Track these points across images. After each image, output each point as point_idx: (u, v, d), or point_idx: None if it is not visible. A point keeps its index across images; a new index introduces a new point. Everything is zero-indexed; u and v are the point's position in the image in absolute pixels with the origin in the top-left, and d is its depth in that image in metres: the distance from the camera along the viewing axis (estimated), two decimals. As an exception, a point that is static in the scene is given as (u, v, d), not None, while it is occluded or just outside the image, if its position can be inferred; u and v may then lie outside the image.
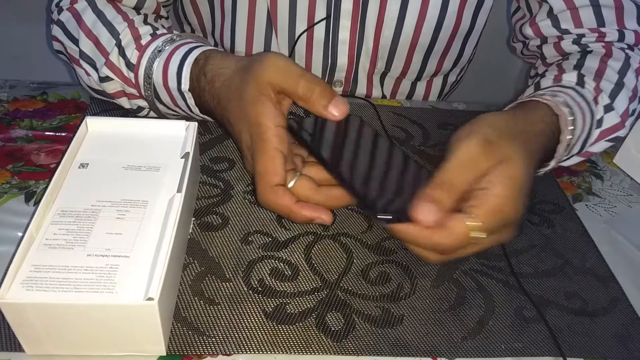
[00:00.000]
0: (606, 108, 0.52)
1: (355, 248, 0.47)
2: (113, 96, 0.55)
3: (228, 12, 0.65)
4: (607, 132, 0.53)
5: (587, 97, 0.51)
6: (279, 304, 0.42)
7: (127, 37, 0.53)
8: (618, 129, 0.53)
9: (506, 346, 0.41)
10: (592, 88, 0.52)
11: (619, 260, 0.49)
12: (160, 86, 0.51)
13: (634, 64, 0.56)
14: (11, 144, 0.55)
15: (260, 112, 0.43)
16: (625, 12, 0.58)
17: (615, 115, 0.53)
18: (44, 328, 0.35)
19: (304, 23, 0.64)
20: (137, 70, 0.52)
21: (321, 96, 0.43)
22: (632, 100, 0.55)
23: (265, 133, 0.42)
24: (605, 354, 0.41)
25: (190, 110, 0.52)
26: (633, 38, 0.58)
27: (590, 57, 0.57)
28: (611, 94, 0.53)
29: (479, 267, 0.47)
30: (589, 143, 0.53)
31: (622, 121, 0.53)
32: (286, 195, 0.42)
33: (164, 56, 0.51)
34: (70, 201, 0.40)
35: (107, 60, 0.53)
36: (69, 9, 0.56)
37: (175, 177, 0.43)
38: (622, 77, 0.54)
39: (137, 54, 0.52)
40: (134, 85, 0.53)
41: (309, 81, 0.43)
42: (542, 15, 0.61)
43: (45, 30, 1.04)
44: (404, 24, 0.63)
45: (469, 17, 0.64)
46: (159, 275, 0.35)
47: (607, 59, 0.56)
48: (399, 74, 0.70)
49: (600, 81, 0.53)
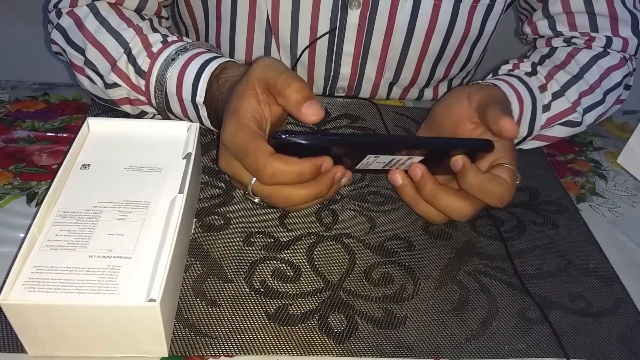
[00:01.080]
0: (555, 95, 0.57)
1: (358, 249, 0.47)
2: (117, 103, 0.55)
3: (226, 17, 0.64)
4: (557, 117, 0.57)
5: (531, 84, 0.56)
6: (281, 305, 0.41)
7: (138, 45, 0.52)
8: (569, 113, 0.57)
9: (510, 347, 0.41)
10: (543, 76, 0.58)
11: (623, 260, 0.49)
12: (173, 95, 0.51)
13: (605, 63, 0.59)
14: (13, 145, 0.55)
15: (240, 103, 0.43)
16: (620, 21, 0.59)
17: (565, 101, 0.57)
18: (45, 329, 0.34)
19: (306, 34, 0.63)
20: (148, 77, 0.52)
21: (296, 91, 0.41)
22: (587, 94, 0.58)
23: (244, 118, 0.42)
24: (610, 355, 0.41)
25: (202, 122, 0.52)
26: (621, 45, 0.60)
27: (561, 49, 0.61)
28: (565, 84, 0.57)
29: (482, 268, 0.46)
30: (538, 126, 0.57)
31: (574, 107, 0.57)
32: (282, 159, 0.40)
33: (179, 65, 0.50)
34: (72, 202, 0.40)
35: (115, 67, 0.52)
36: (69, 14, 0.55)
37: (177, 178, 0.43)
38: (583, 72, 0.58)
39: (148, 61, 0.52)
40: (143, 93, 0.53)
41: (289, 76, 0.42)
42: (539, 14, 0.63)
43: (45, 30, 1.04)
44: (414, 33, 0.62)
45: (479, 23, 0.64)
46: (161, 276, 0.34)
47: (577, 52, 0.60)
48: (407, 84, 0.69)
49: (558, 71, 0.58)
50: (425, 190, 0.44)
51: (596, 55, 0.59)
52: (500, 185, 0.43)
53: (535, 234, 0.51)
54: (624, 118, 0.70)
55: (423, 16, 0.61)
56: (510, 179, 0.44)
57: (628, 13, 0.59)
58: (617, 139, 0.66)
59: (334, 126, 0.61)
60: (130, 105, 0.55)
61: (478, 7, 0.62)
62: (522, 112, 0.55)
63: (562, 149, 0.64)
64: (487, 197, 0.43)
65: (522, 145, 0.60)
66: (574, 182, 0.59)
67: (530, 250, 0.49)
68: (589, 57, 0.59)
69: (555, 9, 0.61)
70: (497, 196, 0.43)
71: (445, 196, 0.44)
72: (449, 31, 0.63)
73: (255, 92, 0.43)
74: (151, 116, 0.57)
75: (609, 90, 0.59)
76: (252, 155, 0.40)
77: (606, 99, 0.59)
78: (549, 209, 0.54)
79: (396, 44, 0.64)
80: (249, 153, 0.40)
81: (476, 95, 0.48)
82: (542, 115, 0.57)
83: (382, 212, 0.51)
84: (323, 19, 0.61)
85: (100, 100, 0.57)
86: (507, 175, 0.44)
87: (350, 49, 0.64)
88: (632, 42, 0.60)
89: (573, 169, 0.61)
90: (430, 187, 0.44)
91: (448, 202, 0.44)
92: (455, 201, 0.44)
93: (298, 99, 0.41)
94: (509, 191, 0.43)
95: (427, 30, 0.62)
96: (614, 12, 0.59)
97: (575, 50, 0.60)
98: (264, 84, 0.43)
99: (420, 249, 0.48)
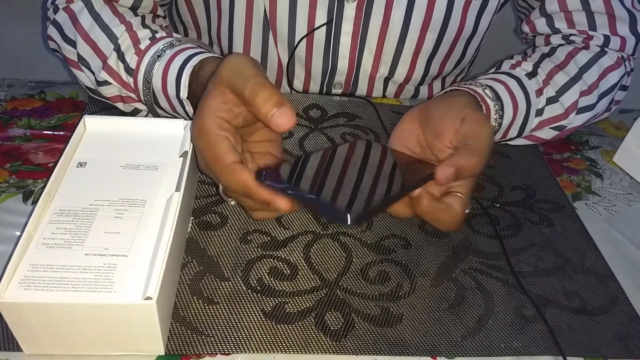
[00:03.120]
0: (549, 100, 0.58)
1: (355, 247, 0.47)
2: (110, 100, 0.55)
3: (225, 12, 0.65)
4: (548, 121, 0.58)
5: (529, 89, 0.57)
6: (278, 303, 0.42)
7: (126, 41, 0.52)
8: (560, 119, 0.58)
9: (506, 345, 0.41)
10: (542, 79, 0.59)
11: (618, 259, 0.49)
12: (160, 92, 0.51)
13: (604, 62, 0.59)
14: (9, 143, 0.54)
15: (205, 104, 0.41)
16: (618, 19, 0.59)
17: (559, 107, 0.58)
18: (41, 328, 0.34)
19: (303, 27, 0.63)
20: (136, 74, 0.52)
21: (265, 101, 0.38)
22: (586, 94, 0.58)
23: (205, 120, 0.40)
24: (605, 352, 0.41)
25: (190, 118, 0.51)
26: (619, 44, 0.60)
27: (561, 48, 0.61)
28: (562, 87, 0.58)
29: (479, 266, 0.47)
30: (528, 128, 0.58)
31: (566, 113, 0.58)
32: (244, 171, 0.38)
33: (164, 61, 0.50)
34: (68, 200, 0.40)
35: (105, 65, 0.52)
36: (65, 9, 0.55)
37: (173, 176, 0.43)
38: (582, 72, 0.59)
39: (136, 58, 0.51)
40: (133, 90, 0.53)
41: (256, 84, 0.39)
42: (537, 13, 0.63)
43: (42, 28, 1.03)
44: (409, 28, 0.63)
45: (473, 20, 0.64)
46: (158, 274, 0.34)
47: (577, 52, 0.60)
48: (402, 80, 0.70)
49: (558, 72, 0.59)
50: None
51: (595, 55, 0.59)
52: (450, 216, 0.43)
53: (531, 232, 0.51)
54: (620, 117, 0.70)
55: (418, 11, 0.61)
56: (460, 209, 0.44)
57: (626, 12, 0.59)
58: (613, 138, 0.66)
59: (331, 125, 0.61)
60: (123, 103, 0.55)
61: (472, 4, 0.63)
62: (515, 116, 0.56)
63: (558, 147, 0.64)
64: (436, 222, 0.44)
65: (508, 142, 0.61)
66: (570, 180, 0.59)
67: (526, 249, 0.49)
68: (588, 57, 0.59)
69: (552, 8, 0.61)
70: (445, 224, 0.44)
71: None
72: (443, 27, 0.63)
73: (222, 92, 0.41)
74: (145, 114, 0.56)
75: (604, 93, 0.59)
76: (212, 162, 0.40)
77: (598, 104, 0.59)
78: (545, 207, 0.54)
79: (392, 39, 0.64)
80: (208, 160, 0.40)
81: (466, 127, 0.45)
82: (534, 119, 0.58)
83: (379, 211, 0.51)
84: (320, 12, 0.62)
85: (96, 95, 0.57)
86: (458, 205, 0.44)
87: (347, 41, 0.64)
88: (630, 41, 0.60)
89: (569, 168, 0.61)
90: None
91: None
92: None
93: (267, 109, 0.38)
94: (456, 222, 0.44)
95: (422, 25, 0.63)
96: (611, 10, 0.59)
97: (575, 50, 0.60)
98: (231, 87, 0.40)
99: (416, 247, 0.48)
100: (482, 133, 0.45)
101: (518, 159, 0.60)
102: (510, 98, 0.55)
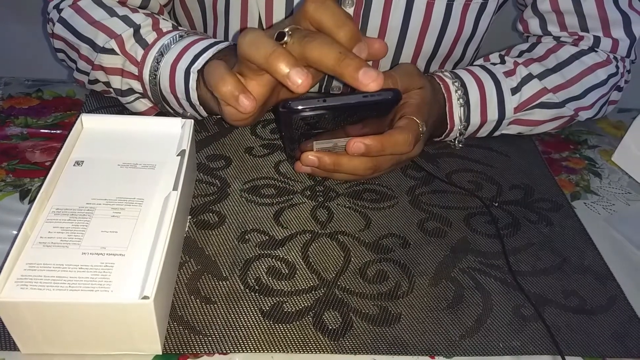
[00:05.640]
0: (525, 79, 0.59)
1: (353, 246, 0.47)
2: (107, 71, 0.55)
3: (221, 17, 0.65)
4: (531, 99, 0.59)
5: (495, 70, 0.59)
6: (276, 302, 0.41)
7: (148, 24, 0.54)
8: (542, 94, 0.59)
9: (504, 345, 0.41)
10: (511, 64, 0.60)
11: (617, 258, 0.49)
12: (168, 64, 0.52)
13: (589, 60, 0.59)
14: (6, 141, 0.54)
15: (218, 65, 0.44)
16: (611, 22, 0.59)
17: (536, 83, 0.59)
18: (38, 327, 0.34)
19: None
20: (150, 47, 0.53)
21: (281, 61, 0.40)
22: (564, 88, 0.59)
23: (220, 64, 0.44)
24: (604, 352, 0.41)
25: (188, 95, 0.52)
26: (610, 46, 0.60)
27: (541, 45, 0.62)
28: (539, 74, 0.59)
29: (477, 266, 0.46)
30: (509, 108, 0.58)
31: (546, 89, 0.59)
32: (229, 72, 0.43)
33: (187, 40, 0.52)
34: (65, 199, 0.40)
35: (117, 38, 0.53)
36: (71, 6, 0.56)
37: (171, 174, 0.43)
38: (562, 67, 0.59)
39: (155, 35, 0.53)
40: (137, 63, 0.53)
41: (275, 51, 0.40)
42: (529, 12, 0.63)
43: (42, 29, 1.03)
44: (407, 31, 0.62)
45: (472, 22, 0.64)
46: (155, 273, 0.34)
47: (558, 48, 0.60)
48: None
49: (533, 63, 0.60)
50: (326, 166, 0.47)
51: (579, 52, 0.59)
52: (399, 134, 0.45)
53: (530, 232, 0.51)
54: (618, 116, 0.70)
55: (416, 14, 0.61)
56: (408, 126, 0.46)
57: (619, 14, 0.59)
58: (612, 137, 0.66)
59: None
60: (121, 77, 0.55)
61: (471, 6, 0.62)
62: (484, 94, 0.57)
63: (557, 146, 0.64)
64: (392, 149, 0.46)
65: (505, 131, 0.61)
66: (568, 179, 0.59)
67: (525, 248, 0.49)
68: (569, 53, 0.59)
69: (544, 7, 0.61)
70: (399, 145, 0.45)
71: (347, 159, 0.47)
72: (442, 30, 0.63)
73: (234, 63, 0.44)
74: (134, 99, 0.56)
75: (591, 88, 0.59)
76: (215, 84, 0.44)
77: (587, 95, 0.59)
78: (544, 206, 0.54)
79: (390, 43, 0.63)
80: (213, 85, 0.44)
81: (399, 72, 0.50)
82: (511, 98, 0.58)
83: (377, 210, 0.51)
84: None
85: (90, 84, 0.57)
86: (404, 123, 0.46)
87: None
88: (623, 43, 0.60)
89: (568, 167, 0.61)
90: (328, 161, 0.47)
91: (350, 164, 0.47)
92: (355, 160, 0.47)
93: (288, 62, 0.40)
94: (406, 141, 0.46)
95: (421, 28, 0.62)
96: (603, 13, 0.59)
97: (557, 46, 0.60)
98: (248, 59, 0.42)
99: (415, 247, 0.48)
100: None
101: (517, 158, 0.60)
102: (472, 77, 0.57)
